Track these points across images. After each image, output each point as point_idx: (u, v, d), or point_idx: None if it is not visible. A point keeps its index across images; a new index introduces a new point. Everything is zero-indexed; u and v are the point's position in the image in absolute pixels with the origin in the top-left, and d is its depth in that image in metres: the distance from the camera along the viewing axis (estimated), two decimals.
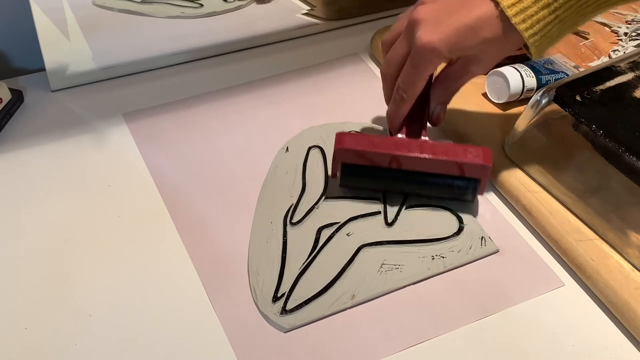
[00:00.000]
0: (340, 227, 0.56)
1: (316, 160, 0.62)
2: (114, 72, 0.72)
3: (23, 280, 0.52)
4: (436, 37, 0.50)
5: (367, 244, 0.54)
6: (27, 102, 0.69)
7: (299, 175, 0.60)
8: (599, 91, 0.58)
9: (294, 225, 0.56)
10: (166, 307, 0.51)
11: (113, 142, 0.65)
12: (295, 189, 0.59)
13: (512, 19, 0.46)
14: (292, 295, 0.51)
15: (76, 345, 0.48)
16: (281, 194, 0.58)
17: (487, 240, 0.56)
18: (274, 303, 0.50)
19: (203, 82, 0.73)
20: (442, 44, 0.49)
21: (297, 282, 0.51)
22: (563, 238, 0.56)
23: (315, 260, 0.53)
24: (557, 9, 0.47)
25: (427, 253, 0.54)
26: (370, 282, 0.52)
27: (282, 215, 0.56)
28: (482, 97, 0.71)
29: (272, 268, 0.52)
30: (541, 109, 0.60)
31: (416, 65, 0.52)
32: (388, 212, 0.57)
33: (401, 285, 0.52)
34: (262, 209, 0.57)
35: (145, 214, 0.58)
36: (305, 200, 0.58)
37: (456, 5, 0.49)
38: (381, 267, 0.53)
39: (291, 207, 0.57)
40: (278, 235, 0.55)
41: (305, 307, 0.50)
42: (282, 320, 0.49)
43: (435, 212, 0.58)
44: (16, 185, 0.60)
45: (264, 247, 0.54)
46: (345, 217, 0.56)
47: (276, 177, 0.60)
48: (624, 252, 0.55)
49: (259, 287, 0.51)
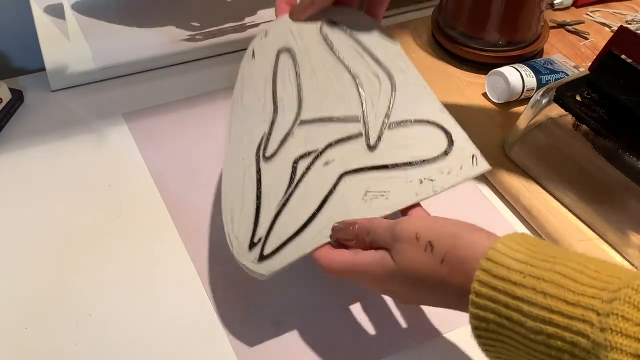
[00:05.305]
0: (317, 155, 0.50)
1: (287, 70, 0.54)
2: (114, 72, 0.72)
3: (23, 280, 0.52)
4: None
5: (348, 171, 0.49)
6: (27, 102, 0.69)
7: (269, 94, 0.53)
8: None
9: (267, 160, 0.50)
10: (166, 307, 0.51)
11: (113, 142, 0.65)
12: (266, 112, 0.52)
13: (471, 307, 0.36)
14: (269, 238, 0.46)
15: (76, 345, 0.48)
16: (251, 120, 0.52)
17: (478, 159, 0.50)
18: (250, 250, 0.46)
19: (203, 82, 0.72)
20: None
21: (274, 223, 0.47)
22: (563, 238, 0.56)
23: (292, 196, 0.48)
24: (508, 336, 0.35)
25: (415, 176, 0.49)
26: (354, 212, 0.47)
27: (254, 149, 0.51)
28: (482, 97, 0.71)
29: (247, 213, 0.48)
30: (541, 109, 0.60)
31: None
32: (370, 134, 0.51)
33: (388, 212, 0.47)
34: (233, 144, 0.51)
35: (145, 214, 0.58)
36: (278, 127, 0.51)
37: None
38: (365, 195, 0.48)
39: (263, 137, 0.51)
40: (251, 173, 0.49)
41: (283, 248, 0.46)
42: (260, 267, 0.45)
43: (421, 128, 0.51)
44: (16, 185, 0.60)
45: (237, 190, 0.49)
46: (322, 143, 0.50)
47: (244, 99, 0.53)
48: (624, 252, 0.55)
49: (234, 234, 0.47)
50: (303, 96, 0.53)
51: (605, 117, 0.55)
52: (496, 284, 0.34)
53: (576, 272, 0.32)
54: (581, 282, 0.31)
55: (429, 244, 0.38)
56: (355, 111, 0.52)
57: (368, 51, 0.55)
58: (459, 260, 0.36)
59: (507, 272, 0.34)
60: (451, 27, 0.75)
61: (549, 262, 0.33)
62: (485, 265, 0.35)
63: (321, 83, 0.53)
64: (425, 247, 0.38)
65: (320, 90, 0.53)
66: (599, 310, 0.29)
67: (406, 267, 0.39)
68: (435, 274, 0.38)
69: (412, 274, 0.39)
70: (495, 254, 0.35)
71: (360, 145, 0.50)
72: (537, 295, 0.32)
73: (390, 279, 0.41)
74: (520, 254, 0.34)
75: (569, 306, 0.30)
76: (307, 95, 0.53)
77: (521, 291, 0.32)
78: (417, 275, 0.39)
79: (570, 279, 0.31)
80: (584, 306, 0.30)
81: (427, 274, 0.38)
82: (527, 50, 0.74)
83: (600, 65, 0.57)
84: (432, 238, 0.38)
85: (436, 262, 0.38)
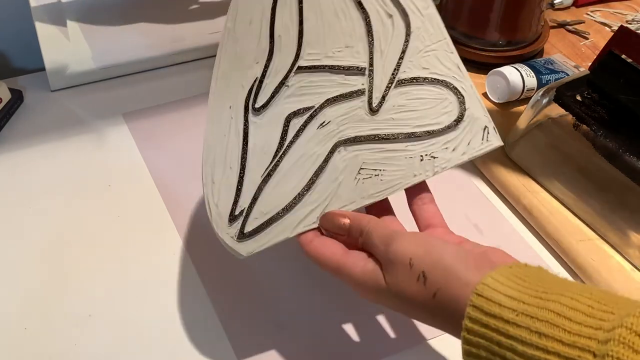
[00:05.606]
0: (313, 113, 0.45)
1: (289, 3, 0.46)
2: (113, 72, 0.72)
3: (23, 281, 0.52)
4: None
5: (344, 140, 0.44)
6: (27, 101, 0.69)
7: (265, 28, 0.46)
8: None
9: (257, 112, 0.45)
10: (166, 307, 0.51)
11: (113, 142, 0.65)
12: (260, 50, 0.45)
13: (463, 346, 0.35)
14: (251, 213, 0.43)
15: (76, 345, 0.48)
16: (243, 58, 0.45)
17: (490, 133, 0.45)
18: (230, 225, 0.42)
19: (203, 82, 0.72)
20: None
21: (259, 194, 0.43)
22: (563, 238, 0.56)
23: (281, 162, 0.44)
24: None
25: (416, 152, 0.44)
26: (345, 195, 0.43)
27: (244, 95, 0.45)
28: (482, 97, 0.71)
29: (229, 173, 0.43)
30: (541, 108, 0.59)
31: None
32: (374, 91, 0.45)
33: (381, 198, 0.44)
34: (219, 85, 0.45)
35: (145, 214, 0.58)
36: (272, 71, 0.45)
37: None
38: (359, 173, 0.44)
39: (255, 82, 0.45)
40: (238, 126, 0.44)
41: (266, 229, 0.42)
42: (239, 247, 0.42)
43: (432, 89, 0.46)
44: (16, 185, 0.60)
45: (221, 144, 0.44)
46: (320, 98, 0.45)
47: (236, 30, 0.46)
48: (625, 252, 0.55)
49: (214, 200, 0.43)
50: (304, 36, 0.46)
51: (606, 117, 0.55)
52: (488, 322, 0.33)
53: (570, 309, 0.31)
54: (576, 321, 0.31)
55: (422, 274, 0.37)
56: (361, 60, 0.46)
57: None
58: (451, 298, 0.36)
59: (499, 309, 0.33)
60: (451, 27, 0.75)
61: (542, 299, 0.32)
62: (476, 301, 0.34)
63: (326, 21, 0.46)
64: (418, 276, 0.37)
65: (324, 30, 0.46)
66: (595, 351, 0.29)
67: (397, 290, 0.39)
68: (426, 304, 0.37)
69: (403, 298, 0.38)
70: (485, 289, 0.34)
71: (361, 106, 0.45)
72: (532, 335, 0.31)
73: (378, 293, 0.40)
74: (511, 289, 0.34)
75: (566, 347, 0.30)
76: (308, 36, 0.46)
77: (515, 330, 0.32)
78: (407, 299, 0.38)
79: (565, 317, 0.31)
80: (580, 347, 0.30)
81: (418, 303, 0.38)
82: (527, 50, 0.74)
83: (600, 65, 0.57)
84: (426, 269, 0.37)
85: (428, 295, 0.37)
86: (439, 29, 0.47)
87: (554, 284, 0.34)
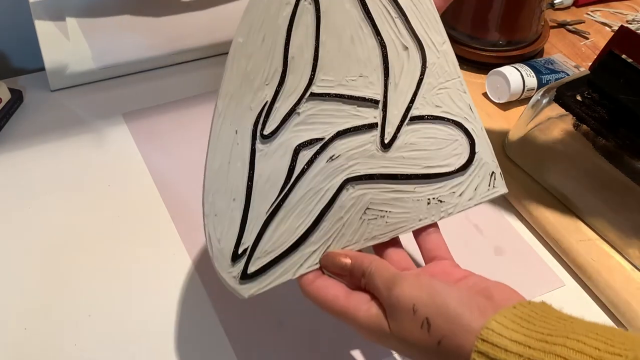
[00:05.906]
0: (324, 146, 0.42)
1: (307, 21, 0.43)
2: (113, 72, 0.72)
3: (23, 280, 0.52)
4: None
5: (353, 177, 0.43)
6: (27, 101, 0.69)
7: (280, 47, 0.42)
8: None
9: (265, 140, 0.42)
10: (166, 307, 0.51)
11: (113, 142, 0.65)
12: (272, 70, 0.42)
13: None
14: (255, 252, 0.41)
15: (76, 345, 0.48)
16: (253, 78, 0.42)
17: (496, 179, 0.45)
18: (233, 264, 0.40)
19: (203, 82, 0.72)
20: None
21: (264, 231, 0.41)
22: (563, 238, 0.56)
23: (288, 197, 0.41)
24: None
25: (424, 194, 0.43)
26: (350, 234, 0.42)
27: (252, 120, 0.42)
28: (482, 97, 0.71)
29: (233, 206, 0.41)
30: (542, 108, 0.59)
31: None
32: (386, 126, 0.44)
33: (385, 239, 0.43)
34: (225, 105, 0.42)
35: (144, 214, 0.58)
36: (283, 95, 0.42)
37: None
38: (365, 213, 0.43)
39: (265, 106, 0.42)
40: (244, 153, 0.41)
41: (270, 269, 0.41)
42: (241, 288, 0.41)
43: (445, 129, 0.45)
44: (16, 185, 0.60)
45: (224, 172, 0.41)
46: (331, 128, 0.43)
47: (248, 46, 0.42)
48: (625, 252, 0.55)
49: (216, 235, 0.40)
50: (319, 60, 0.43)
51: (606, 117, 0.55)
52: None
53: (576, 352, 0.31)
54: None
55: (426, 321, 0.37)
56: (375, 91, 0.44)
57: (400, 12, 0.45)
58: (457, 345, 0.35)
59: (504, 354, 0.33)
60: (451, 27, 0.75)
61: (547, 343, 0.32)
62: (481, 347, 0.34)
63: (342, 46, 0.44)
64: (422, 323, 0.37)
65: (339, 55, 0.44)
66: None
67: (401, 337, 0.38)
68: (431, 351, 0.37)
69: (407, 344, 0.38)
70: (490, 335, 0.34)
71: (372, 141, 0.43)
72: None
73: (383, 338, 0.39)
74: (516, 333, 0.33)
75: None
76: (323, 60, 0.43)
77: None
78: (412, 346, 0.38)
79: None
80: None
81: (423, 349, 0.37)
82: (527, 50, 0.74)
83: (600, 65, 0.57)
84: (430, 315, 0.37)
85: (433, 342, 0.36)
86: (453, 67, 0.46)
87: (559, 324, 0.33)
